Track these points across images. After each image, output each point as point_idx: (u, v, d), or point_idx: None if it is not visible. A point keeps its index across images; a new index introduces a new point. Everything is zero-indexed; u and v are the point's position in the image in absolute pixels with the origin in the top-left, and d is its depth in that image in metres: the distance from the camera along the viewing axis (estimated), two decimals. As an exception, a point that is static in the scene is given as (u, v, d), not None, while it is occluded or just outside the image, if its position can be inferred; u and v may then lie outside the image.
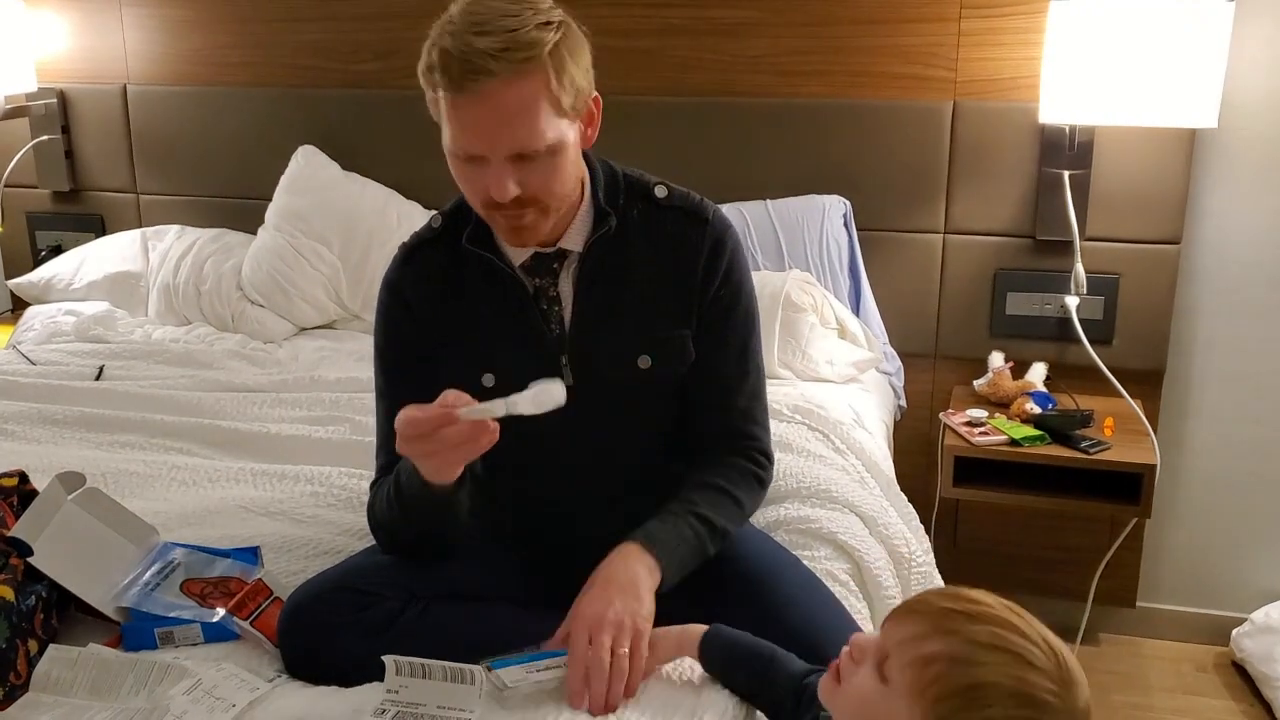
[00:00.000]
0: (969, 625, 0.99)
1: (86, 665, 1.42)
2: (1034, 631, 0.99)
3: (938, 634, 1.00)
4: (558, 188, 1.44)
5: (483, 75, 1.33)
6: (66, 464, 1.93)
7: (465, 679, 1.31)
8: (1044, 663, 0.96)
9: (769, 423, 1.65)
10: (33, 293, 3.05)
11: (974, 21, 2.53)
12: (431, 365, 1.57)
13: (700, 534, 1.48)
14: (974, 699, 0.96)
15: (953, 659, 0.98)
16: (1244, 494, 2.70)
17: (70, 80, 3.18)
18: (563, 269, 1.55)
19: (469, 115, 1.37)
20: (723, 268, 1.56)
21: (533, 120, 1.37)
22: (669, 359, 1.55)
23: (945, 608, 1.02)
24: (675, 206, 1.56)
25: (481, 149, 1.38)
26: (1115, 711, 2.55)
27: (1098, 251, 2.54)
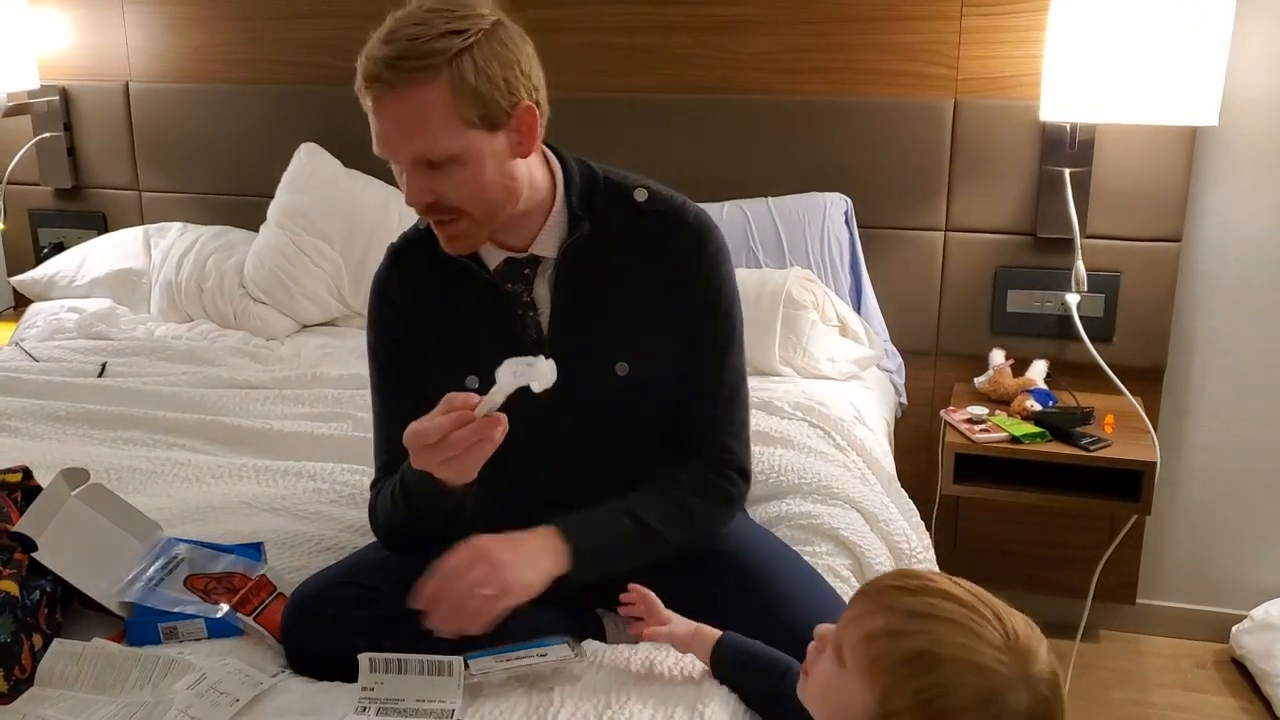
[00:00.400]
0: (907, 598, 1.00)
1: (91, 659, 1.42)
2: (980, 604, 0.99)
3: (879, 610, 1.01)
4: (476, 197, 1.44)
5: (377, 84, 1.38)
6: (69, 460, 1.94)
7: (443, 671, 1.32)
8: (988, 630, 0.96)
9: (747, 436, 1.61)
10: (35, 290, 3.06)
11: (975, 19, 2.53)
12: (421, 364, 1.57)
13: (629, 534, 1.47)
14: (917, 666, 0.96)
15: (892, 631, 0.99)
16: (1244, 491, 2.70)
17: (72, 77, 3.19)
18: (538, 274, 1.54)
19: (377, 123, 1.42)
20: (701, 271, 1.54)
21: (429, 129, 1.38)
22: (648, 366, 1.53)
23: (888, 585, 1.04)
24: (656, 210, 1.54)
25: (388, 155, 1.43)
26: (1115, 708, 2.56)
27: (1098, 249, 2.55)
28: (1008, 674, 0.95)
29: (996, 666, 0.95)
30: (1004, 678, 0.95)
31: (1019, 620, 0.99)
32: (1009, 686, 0.95)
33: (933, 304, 2.69)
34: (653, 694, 1.34)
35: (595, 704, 1.32)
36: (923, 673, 0.95)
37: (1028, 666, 0.96)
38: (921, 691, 0.95)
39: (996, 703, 0.94)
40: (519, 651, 1.37)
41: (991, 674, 0.95)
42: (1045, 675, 0.97)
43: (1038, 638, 0.99)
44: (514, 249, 1.53)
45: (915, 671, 0.96)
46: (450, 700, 1.30)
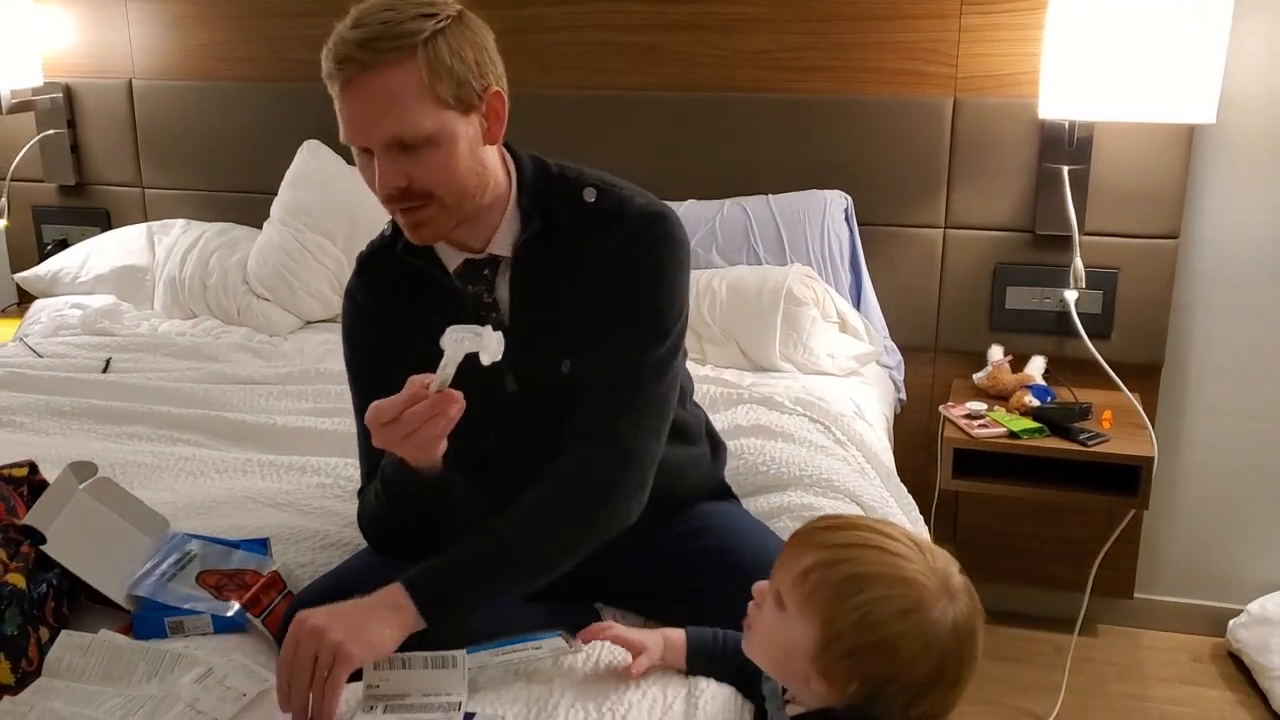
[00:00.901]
0: (834, 534, 1.13)
1: (99, 651, 1.43)
2: (898, 533, 1.12)
3: (810, 548, 1.12)
4: (450, 181, 1.43)
5: (349, 65, 1.37)
6: (75, 455, 1.96)
7: (447, 664, 1.32)
8: (907, 551, 1.09)
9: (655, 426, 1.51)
10: (39, 286, 3.07)
11: (974, 18, 2.54)
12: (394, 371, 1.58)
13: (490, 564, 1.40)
14: (850, 588, 1.07)
15: (824, 563, 1.09)
16: (1241, 487, 2.72)
17: (76, 75, 3.20)
18: (497, 275, 1.54)
19: (345, 106, 1.40)
20: (632, 256, 1.50)
21: (404, 109, 1.38)
22: (587, 361, 1.52)
23: (815, 527, 1.15)
24: (602, 209, 1.52)
25: (359, 139, 1.41)
26: (1113, 701, 2.58)
27: (1097, 246, 2.56)
28: (931, 585, 1.07)
29: (920, 578, 1.07)
30: (927, 588, 1.07)
31: (936, 551, 1.11)
32: (933, 598, 1.07)
33: (932, 300, 2.70)
34: (650, 684, 1.35)
35: (594, 696, 1.33)
36: (856, 593, 1.07)
37: (947, 581, 1.08)
38: (857, 609, 1.06)
39: (922, 611, 1.06)
40: (514, 645, 1.38)
41: (916, 585, 1.07)
42: (963, 590, 1.10)
43: (955, 568, 1.12)
44: (472, 250, 1.53)
45: (849, 592, 1.07)
46: (456, 693, 1.31)
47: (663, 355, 1.52)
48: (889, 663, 1.07)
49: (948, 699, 1.10)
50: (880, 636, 1.06)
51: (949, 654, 1.07)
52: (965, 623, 1.08)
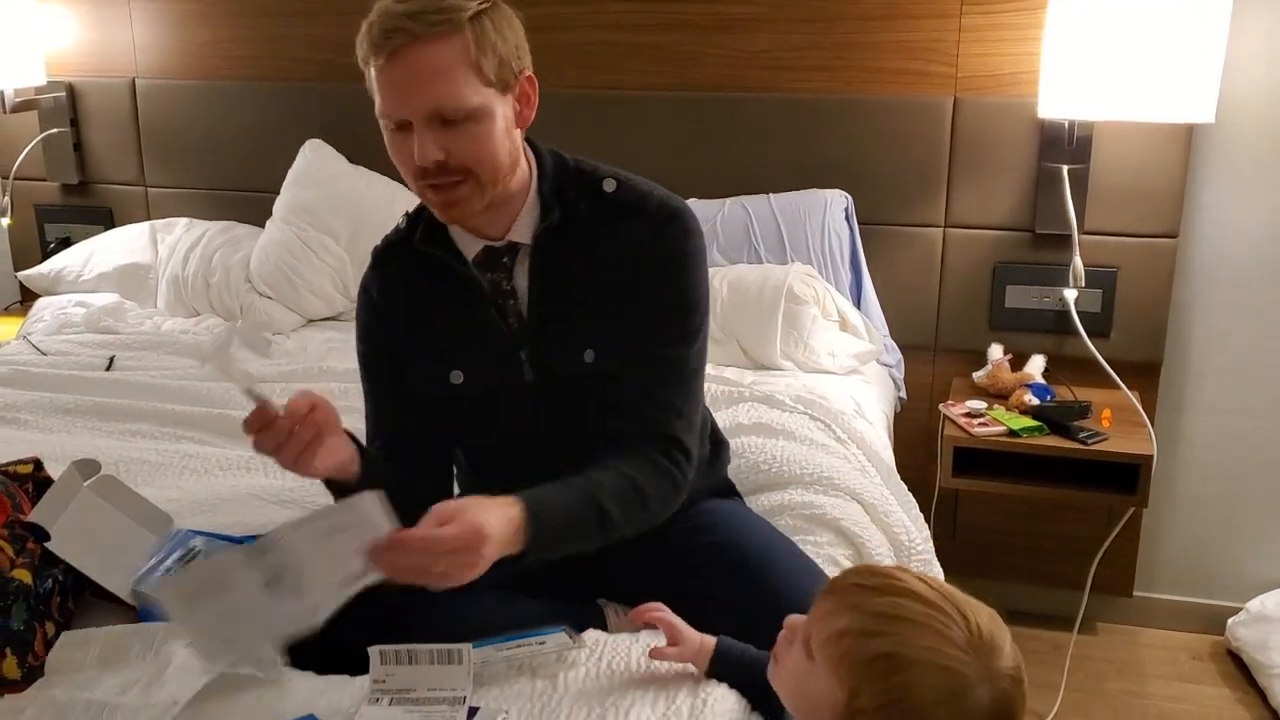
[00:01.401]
0: (873, 598, 1.03)
1: (97, 642, 1.45)
2: (944, 602, 1.01)
3: (845, 609, 1.04)
4: (487, 157, 1.45)
5: (398, 34, 1.38)
6: (79, 452, 1.96)
7: (453, 659, 1.33)
8: (952, 630, 0.99)
9: (695, 420, 1.58)
10: (42, 284, 3.08)
11: (974, 18, 2.55)
12: (404, 366, 1.59)
13: (587, 521, 1.43)
14: (884, 668, 0.99)
15: (859, 632, 1.02)
16: (1240, 485, 2.73)
17: (79, 74, 3.21)
18: (516, 263, 1.56)
19: (389, 77, 1.41)
20: (662, 252, 1.53)
21: (451, 81, 1.40)
22: (613, 353, 1.54)
23: (853, 584, 1.06)
24: (621, 200, 1.55)
25: (403, 111, 1.42)
26: (1112, 699, 2.58)
27: (1096, 245, 2.57)
28: (970, 672, 0.98)
29: (959, 666, 0.98)
30: (967, 676, 0.98)
31: (983, 615, 1.02)
32: (972, 684, 0.98)
33: (932, 299, 2.71)
34: (656, 681, 1.36)
35: (599, 692, 1.34)
36: (889, 674, 0.99)
37: (990, 663, 0.99)
38: (888, 692, 0.99)
39: (960, 700, 0.98)
40: (519, 640, 1.39)
41: (955, 674, 0.98)
42: (1007, 670, 1.00)
43: (1001, 632, 1.02)
44: (491, 238, 1.55)
45: (882, 672, 0.99)
46: (461, 687, 1.32)
47: (697, 349, 1.56)
48: None
49: None
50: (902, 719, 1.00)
51: None
52: (1002, 706, 1.00)
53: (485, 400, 1.57)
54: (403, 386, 1.60)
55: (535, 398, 1.56)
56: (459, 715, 1.29)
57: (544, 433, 1.58)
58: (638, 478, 1.48)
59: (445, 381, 1.56)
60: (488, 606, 1.55)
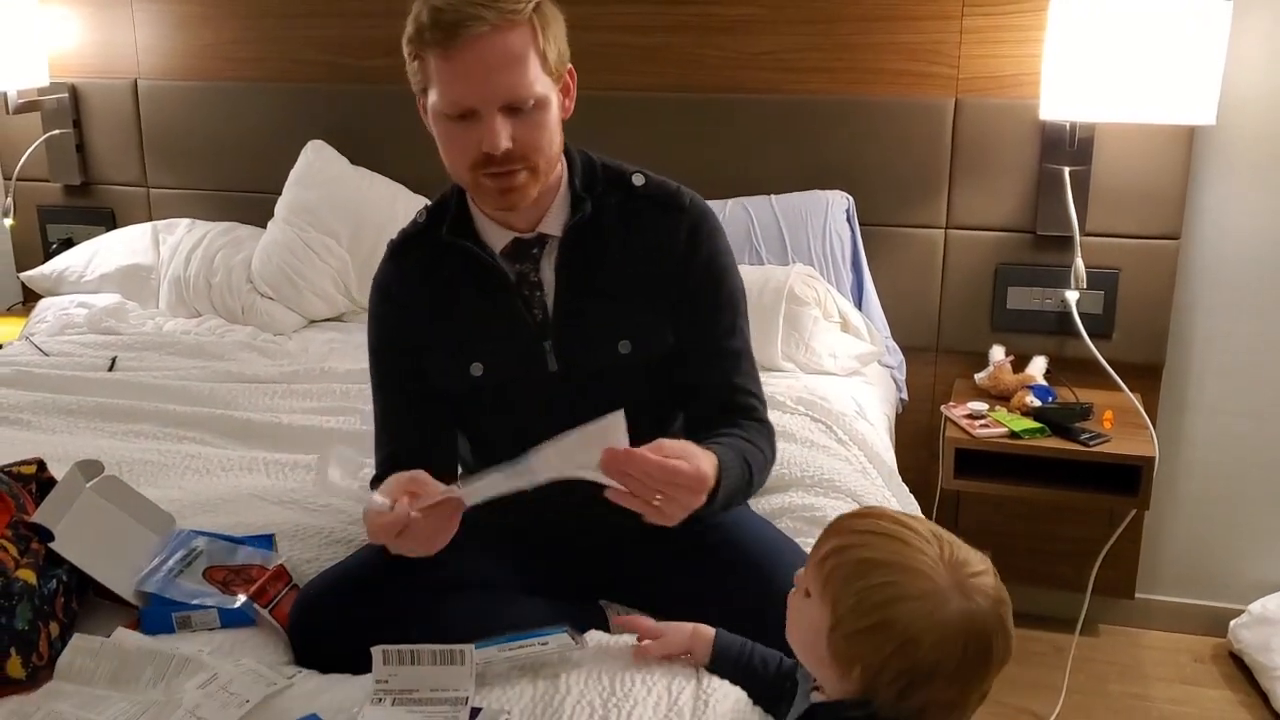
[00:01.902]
0: (853, 520, 1.16)
1: (109, 655, 1.44)
2: (922, 525, 1.13)
3: (831, 535, 1.15)
4: (545, 145, 1.48)
5: (474, 23, 1.39)
6: (81, 453, 1.97)
7: (455, 660, 1.33)
8: (922, 544, 1.10)
9: (763, 395, 1.66)
10: (44, 285, 3.08)
11: (976, 19, 2.55)
12: (422, 361, 1.60)
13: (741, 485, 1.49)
14: (857, 571, 1.09)
15: (839, 548, 1.12)
16: (1242, 486, 2.73)
17: (82, 75, 3.21)
18: (543, 255, 1.57)
19: (461, 66, 1.41)
20: (703, 252, 1.58)
21: (522, 69, 1.42)
22: (647, 343, 1.57)
23: (844, 515, 1.18)
24: (651, 195, 1.59)
25: (473, 99, 1.42)
26: (1114, 701, 2.58)
27: (1098, 247, 2.57)
28: (940, 578, 1.07)
29: (927, 570, 1.08)
30: (934, 581, 1.07)
31: (962, 546, 1.12)
32: (939, 589, 1.07)
33: (933, 301, 2.71)
34: (658, 679, 1.36)
35: (601, 690, 1.34)
36: (859, 577, 1.09)
37: (961, 577, 1.08)
38: (859, 593, 1.08)
39: (925, 599, 1.07)
40: (521, 641, 1.39)
41: (921, 574, 1.08)
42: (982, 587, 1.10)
43: (978, 561, 1.12)
44: (520, 230, 1.56)
45: (854, 576, 1.09)
46: (464, 688, 1.32)
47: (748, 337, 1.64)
48: (881, 648, 1.07)
49: (947, 693, 1.09)
50: (875, 620, 1.07)
51: (948, 645, 1.07)
52: (976, 621, 1.08)
53: (504, 392, 1.58)
54: (417, 384, 1.60)
55: (558, 389, 1.57)
56: (461, 716, 1.29)
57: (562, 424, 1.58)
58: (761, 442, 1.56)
59: (464, 374, 1.57)
60: (490, 606, 1.55)
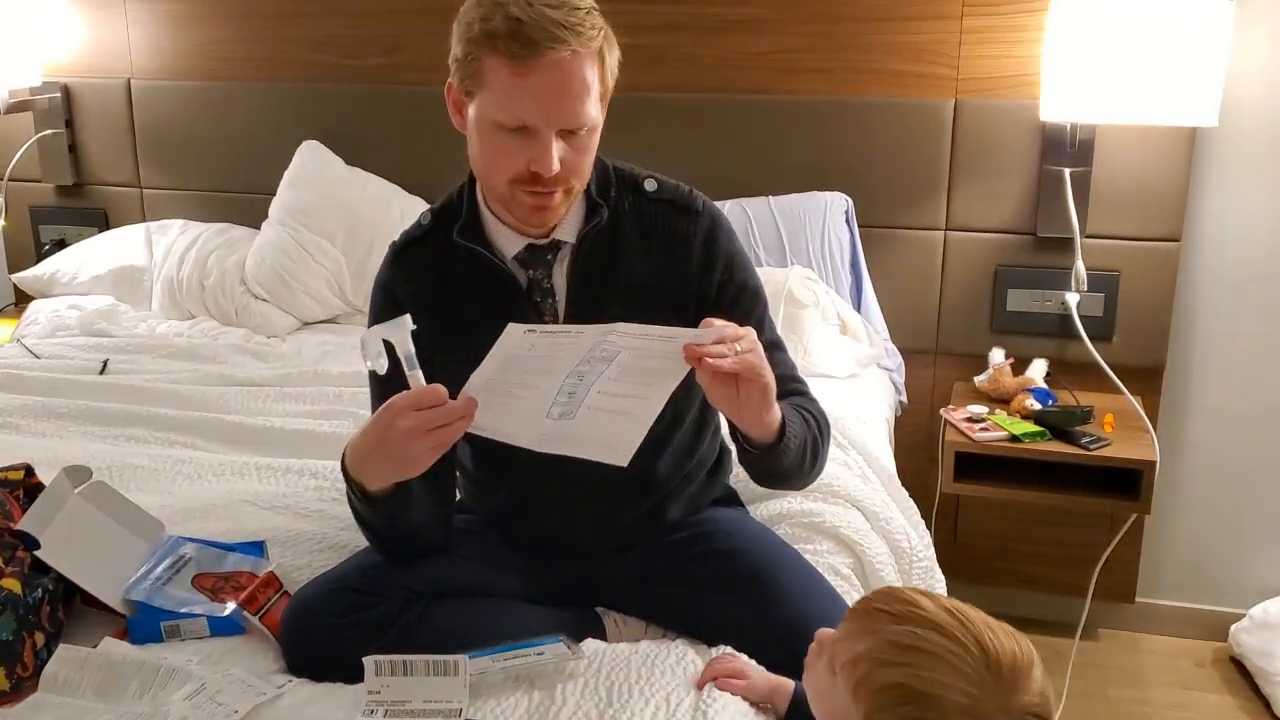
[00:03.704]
0: (890, 625, 1.03)
1: (95, 666, 1.42)
2: (964, 633, 1.00)
3: (865, 634, 1.04)
4: (585, 169, 1.48)
5: (559, 45, 1.36)
6: (71, 457, 1.95)
7: (448, 671, 1.32)
8: (965, 663, 0.98)
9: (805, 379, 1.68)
10: (36, 286, 3.06)
11: (976, 19, 2.53)
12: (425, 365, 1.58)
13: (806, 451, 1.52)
14: (896, 697, 1.00)
15: (874, 659, 1.02)
16: (1243, 490, 2.71)
17: (74, 75, 3.19)
18: (556, 261, 1.56)
19: (532, 83, 1.38)
20: (721, 255, 1.58)
21: (588, 97, 1.41)
22: None
23: (877, 608, 1.06)
24: (665, 199, 1.58)
25: (537, 119, 1.40)
26: (1114, 706, 2.57)
27: (1098, 249, 2.55)
28: (984, 707, 0.98)
29: (970, 702, 0.97)
30: (979, 710, 0.97)
31: (1004, 646, 1.00)
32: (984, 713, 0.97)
33: (933, 303, 2.69)
34: (655, 691, 1.34)
35: (598, 702, 1.32)
36: (901, 704, 0.99)
37: (1007, 699, 0.98)
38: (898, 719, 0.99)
39: None
40: (516, 651, 1.37)
41: (965, 709, 0.97)
42: (1027, 705, 0.99)
43: (1024, 665, 1.00)
44: (534, 235, 1.55)
45: (894, 702, 1.00)
46: (457, 700, 1.30)
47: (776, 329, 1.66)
48: None
49: None
50: None
51: None
52: None
53: None
54: None
55: None
56: (454, 728, 1.28)
57: None
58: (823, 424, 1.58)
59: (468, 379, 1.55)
60: (485, 614, 1.54)
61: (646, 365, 1.30)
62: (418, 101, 2.86)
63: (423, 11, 2.83)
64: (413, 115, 2.88)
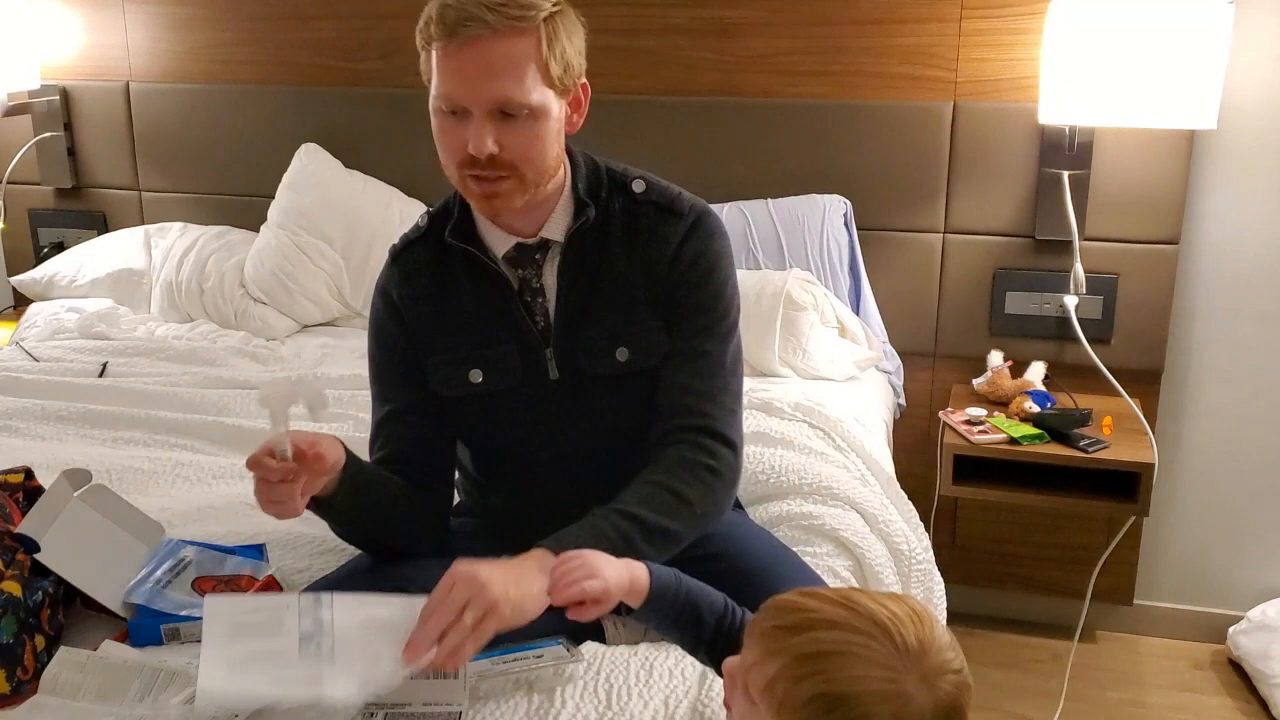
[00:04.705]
0: (791, 639, 1.01)
1: (95, 669, 1.42)
2: (862, 621, 0.99)
3: (770, 656, 1.01)
4: (535, 156, 1.46)
5: (475, 23, 1.39)
6: (70, 460, 1.95)
7: (448, 673, 1.32)
8: (871, 650, 0.98)
9: (733, 408, 1.56)
10: (35, 289, 3.06)
11: (974, 22, 2.54)
12: (421, 367, 1.58)
13: (626, 532, 1.40)
14: (819, 708, 0.97)
15: (787, 678, 0.99)
16: (1241, 492, 2.71)
17: (73, 77, 3.19)
18: (546, 260, 1.56)
19: (457, 63, 1.41)
20: (691, 251, 1.55)
21: (519, 76, 1.41)
22: (644, 351, 1.55)
23: (771, 626, 1.03)
24: (652, 201, 1.58)
25: (466, 98, 1.42)
26: (1112, 709, 2.57)
27: (1096, 251, 2.56)
28: (904, 687, 0.96)
29: (891, 686, 0.96)
30: (901, 691, 0.96)
31: (901, 616, 0.99)
32: (909, 696, 0.96)
33: (931, 306, 2.69)
34: (654, 694, 1.34)
35: (597, 704, 1.33)
36: (828, 712, 0.97)
37: (922, 668, 0.97)
38: None
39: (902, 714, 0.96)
40: (515, 654, 1.37)
41: (889, 694, 0.96)
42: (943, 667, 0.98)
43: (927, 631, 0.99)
44: (523, 234, 1.55)
45: (819, 712, 0.97)
46: (457, 702, 1.30)
47: (734, 346, 1.58)
48: None
49: None
50: None
51: None
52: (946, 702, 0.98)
53: (504, 399, 1.57)
54: (414, 391, 1.58)
55: (558, 397, 1.56)
56: (454, 730, 1.28)
57: (563, 431, 1.57)
58: (666, 479, 1.46)
59: (464, 381, 1.56)
60: None
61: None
62: (416, 104, 2.81)
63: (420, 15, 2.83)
64: (411, 118, 2.84)
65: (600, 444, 1.59)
